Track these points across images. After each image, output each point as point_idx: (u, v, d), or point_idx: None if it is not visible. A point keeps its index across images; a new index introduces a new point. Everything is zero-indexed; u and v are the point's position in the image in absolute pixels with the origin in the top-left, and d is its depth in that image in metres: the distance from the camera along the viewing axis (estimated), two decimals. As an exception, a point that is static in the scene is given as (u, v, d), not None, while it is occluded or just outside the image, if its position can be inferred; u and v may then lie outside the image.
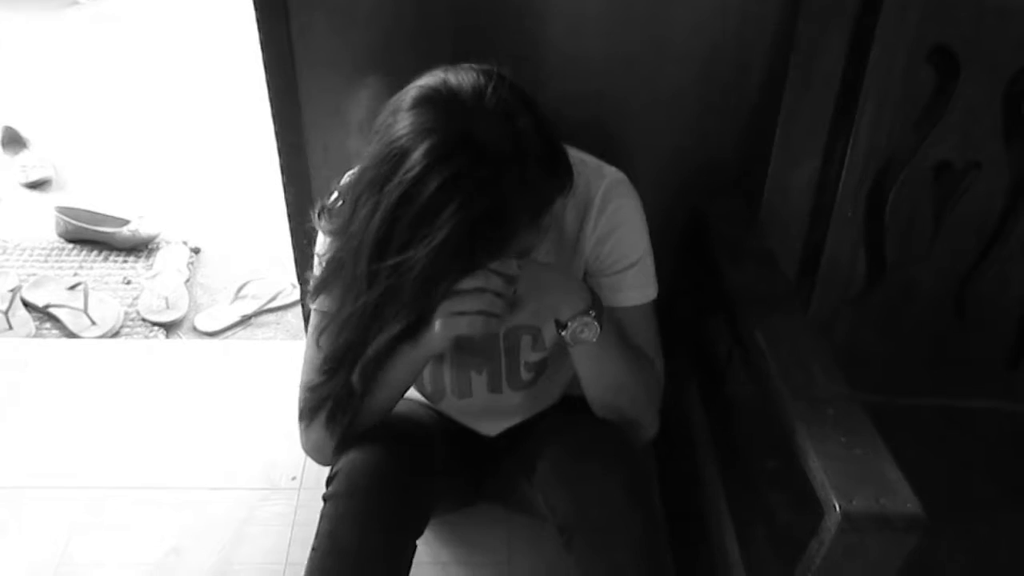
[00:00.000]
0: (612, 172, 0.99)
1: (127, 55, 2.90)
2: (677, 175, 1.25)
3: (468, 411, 1.16)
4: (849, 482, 0.73)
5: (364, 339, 0.88)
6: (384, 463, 0.97)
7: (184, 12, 3.17)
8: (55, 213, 2.03)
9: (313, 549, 0.96)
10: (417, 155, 0.74)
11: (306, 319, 1.20)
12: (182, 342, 1.77)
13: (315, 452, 1.03)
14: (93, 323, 1.79)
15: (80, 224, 2.01)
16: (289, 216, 1.27)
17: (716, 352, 1.30)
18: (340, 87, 1.16)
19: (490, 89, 0.77)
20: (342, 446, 0.99)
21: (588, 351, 0.93)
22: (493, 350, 1.08)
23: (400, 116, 0.78)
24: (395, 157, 0.76)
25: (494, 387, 1.12)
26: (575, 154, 0.96)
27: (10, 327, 1.78)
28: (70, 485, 1.42)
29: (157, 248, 2.03)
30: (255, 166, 2.23)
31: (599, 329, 0.90)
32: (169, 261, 1.97)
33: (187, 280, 1.94)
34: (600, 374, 0.98)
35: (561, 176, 0.84)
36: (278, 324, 1.85)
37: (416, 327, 0.87)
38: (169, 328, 1.82)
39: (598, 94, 1.19)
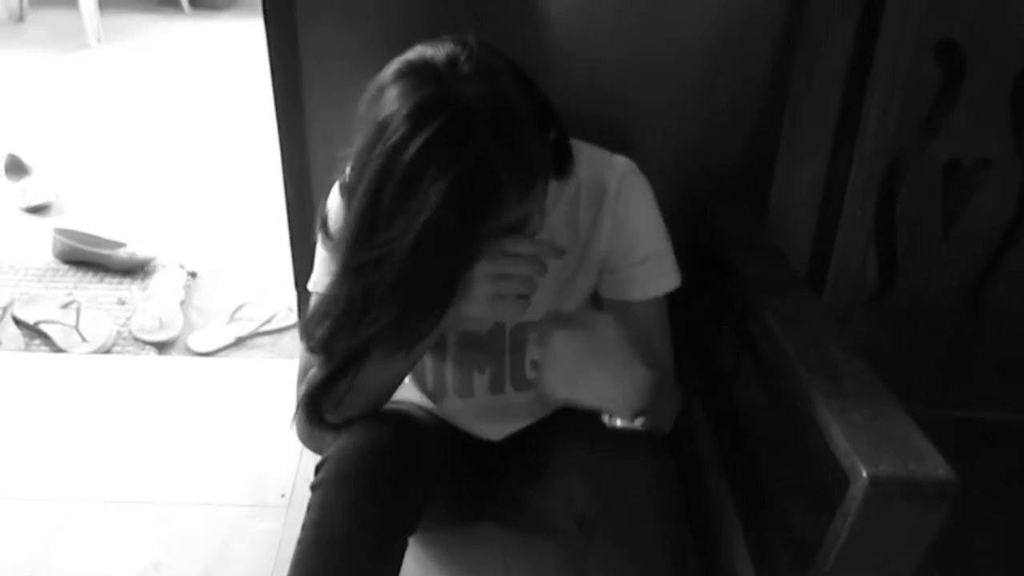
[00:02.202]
0: (624, 161, 0.97)
1: (133, 94, 2.94)
2: (684, 178, 1.23)
3: (469, 412, 1.11)
4: (875, 449, 0.69)
5: (354, 329, 0.81)
6: (376, 449, 0.92)
7: (189, 60, 3.23)
8: (53, 234, 2.01)
9: (299, 542, 0.91)
10: (395, 123, 0.72)
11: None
12: (173, 359, 1.73)
13: (310, 442, 0.99)
14: (84, 340, 1.75)
15: (77, 245, 1.99)
16: (288, 212, 1.25)
17: (722, 365, 1.26)
18: (345, 78, 1.14)
19: (465, 54, 0.75)
20: (335, 434, 0.94)
21: None
22: (499, 347, 1.05)
23: (382, 92, 0.76)
24: (377, 130, 0.74)
25: (496, 387, 1.08)
26: (585, 147, 0.95)
27: (-1, 342, 1.74)
28: (49, 497, 1.36)
29: (153, 271, 2.00)
30: (254, 196, 2.25)
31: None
32: (165, 283, 1.94)
33: (182, 302, 1.90)
34: None
35: (548, 138, 0.81)
36: (273, 346, 1.81)
37: (406, 321, 0.79)
38: (161, 348, 1.78)
39: (604, 95, 1.18)
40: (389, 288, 0.75)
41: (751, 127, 1.19)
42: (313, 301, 0.98)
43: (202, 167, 2.49)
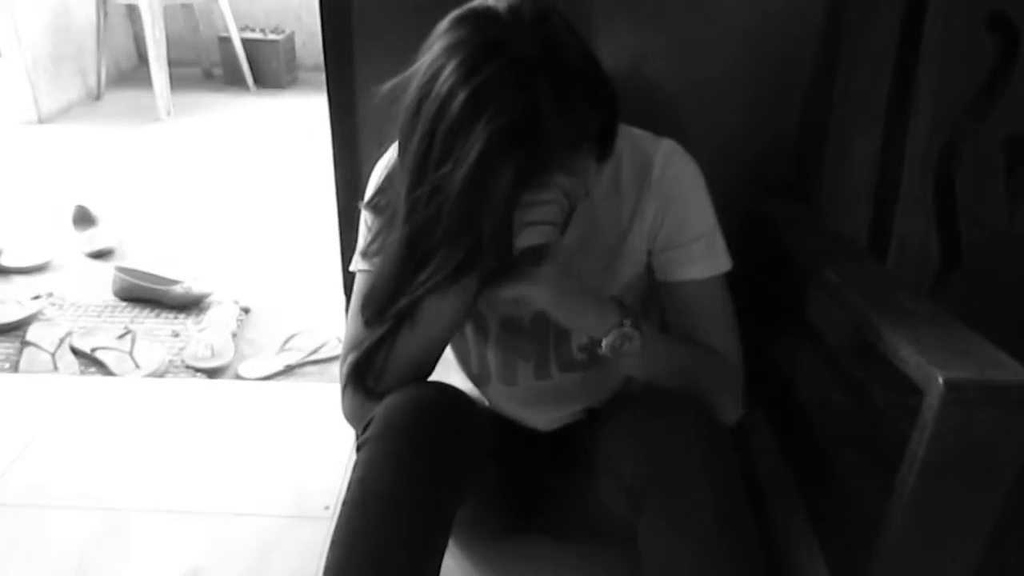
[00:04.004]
0: (669, 142, 0.96)
1: (198, 157, 3.10)
2: (731, 169, 1.21)
3: (515, 398, 1.08)
4: (950, 357, 0.64)
5: (405, 279, 0.83)
6: (425, 406, 0.88)
7: (251, 130, 3.40)
8: (113, 271, 2.07)
9: (344, 503, 0.87)
10: (450, 68, 0.73)
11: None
12: (223, 382, 1.73)
13: (354, 418, 0.96)
14: (137, 366, 1.77)
15: (135, 281, 2.04)
16: (339, 213, 1.26)
17: (780, 368, 1.21)
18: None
19: (528, 4, 0.76)
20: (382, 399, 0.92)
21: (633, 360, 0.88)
22: (543, 333, 1.02)
23: (437, 39, 0.78)
24: (431, 76, 0.75)
25: (542, 375, 1.05)
26: (629, 129, 0.94)
27: (56, 368, 1.77)
28: (95, 506, 1.36)
29: (208, 307, 2.04)
30: (307, 241, 2.31)
31: (639, 337, 0.85)
32: (218, 317, 1.97)
33: (234, 334, 1.92)
34: (652, 376, 0.92)
35: (600, 102, 0.81)
36: (321, 375, 1.81)
37: (461, 266, 0.80)
38: (212, 375, 1.79)
39: (647, 84, 1.18)
40: (443, 232, 0.76)
41: (799, 113, 1.17)
42: (361, 280, 0.99)
43: (261, 218, 2.58)
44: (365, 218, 0.99)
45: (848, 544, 0.92)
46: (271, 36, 3.76)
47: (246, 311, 2.04)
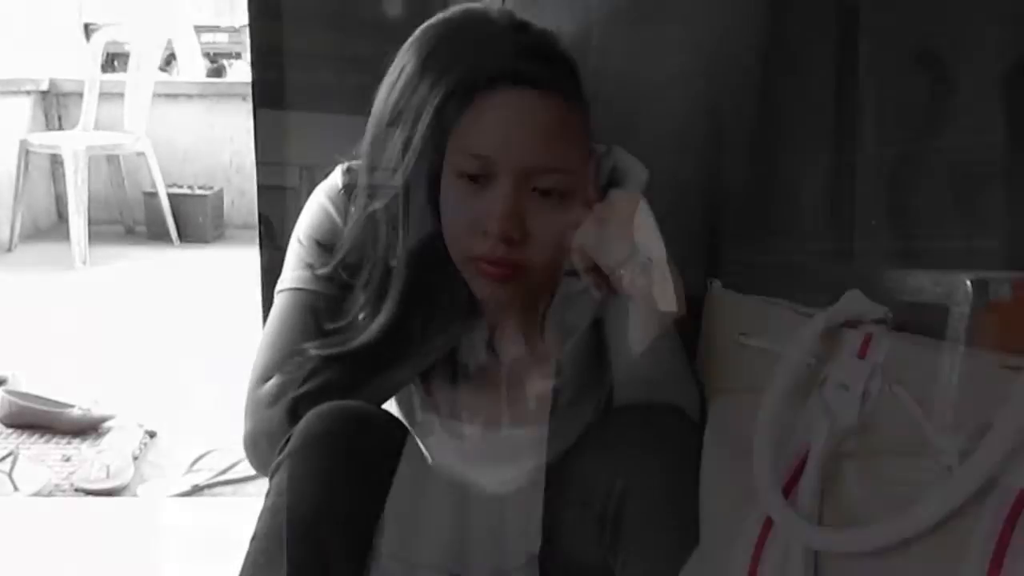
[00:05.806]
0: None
1: (109, 302, 2.94)
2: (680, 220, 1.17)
3: (463, 452, 0.94)
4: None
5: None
6: (355, 414, 0.75)
7: (168, 279, 3.28)
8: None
9: (251, 540, 0.71)
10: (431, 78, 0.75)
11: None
12: (116, 499, 1.50)
13: (269, 440, 0.80)
14: (16, 489, 1.52)
15: (25, 404, 1.82)
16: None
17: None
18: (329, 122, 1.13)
19: None
20: None
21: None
22: (492, 379, 0.91)
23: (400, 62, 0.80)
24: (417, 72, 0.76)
25: (491, 427, 0.92)
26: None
27: (-86, 494, 1.51)
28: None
29: (107, 431, 1.81)
30: (223, 372, 2.13)
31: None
32: (118, 440, 1.75)
33: (136, 457, 1.70)
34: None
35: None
36: (235, 495, 1.59)
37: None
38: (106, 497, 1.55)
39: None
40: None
41: (744, 166, 1.15)
42: (294, 302, 0.87)
43: (171, 351, 2.40)
44: (298, 239, 0.89)
45: None
46: (199, 191, 3.74)
47: (152, 435, 1.82)
